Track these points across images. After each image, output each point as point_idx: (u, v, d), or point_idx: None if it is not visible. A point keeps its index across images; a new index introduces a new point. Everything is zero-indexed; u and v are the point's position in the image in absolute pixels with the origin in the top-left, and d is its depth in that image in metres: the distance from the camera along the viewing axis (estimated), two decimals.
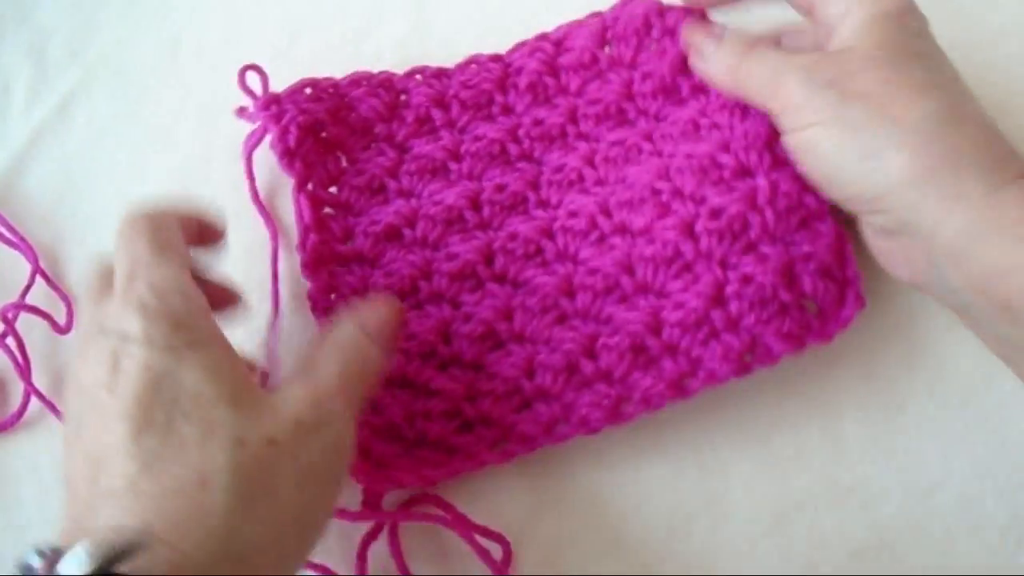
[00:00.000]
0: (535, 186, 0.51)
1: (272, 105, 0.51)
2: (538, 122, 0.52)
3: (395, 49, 0.56)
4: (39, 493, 0.48)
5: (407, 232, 0.50)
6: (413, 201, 0.51)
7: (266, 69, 0.52)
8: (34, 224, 0.53)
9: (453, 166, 0.51)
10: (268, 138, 0.51)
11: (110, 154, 0.54)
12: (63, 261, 0.52)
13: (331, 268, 0.50)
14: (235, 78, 0.51)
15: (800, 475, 0.48)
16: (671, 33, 0.50)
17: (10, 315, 0.50)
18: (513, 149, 0.52)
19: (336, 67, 0.52)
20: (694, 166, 0.48)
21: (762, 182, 0.47)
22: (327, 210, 0.51)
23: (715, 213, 0.47)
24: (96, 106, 0.55)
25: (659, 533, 0.47)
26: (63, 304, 0.51)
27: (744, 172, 0.47)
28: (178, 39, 0.56)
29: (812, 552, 0.47)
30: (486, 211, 0.51)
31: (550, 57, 0.53)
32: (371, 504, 0.46)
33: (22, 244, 0.52)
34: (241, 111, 0.52)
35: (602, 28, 0.52)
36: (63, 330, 0.50)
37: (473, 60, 0.54)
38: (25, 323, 0.50)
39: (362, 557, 0.46)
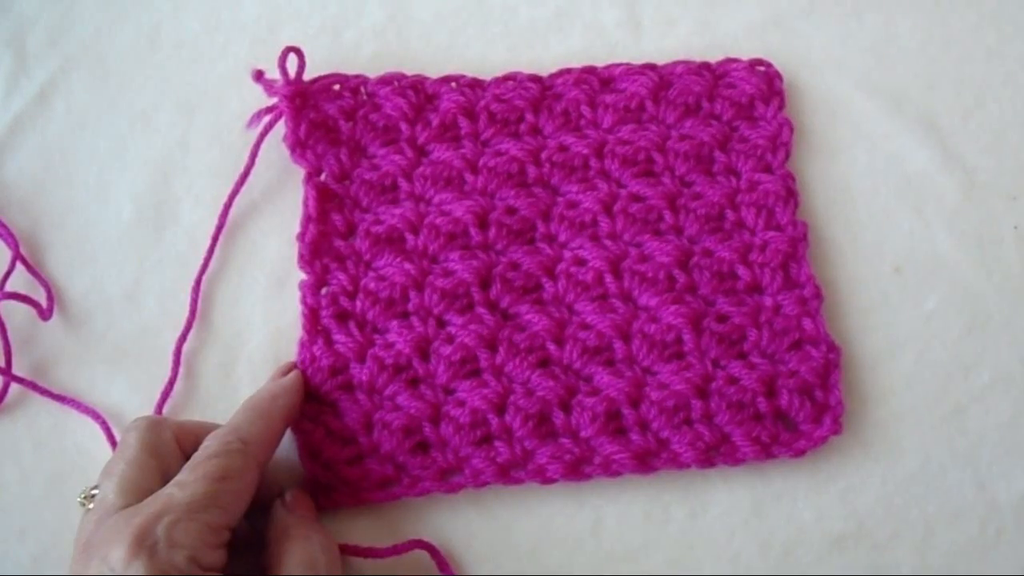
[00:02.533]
0: (546, 217, 0.51)
1: (298, 97, 0.51)
2: (563, 148, 0.52)
3: (373, 39, 0.56)
4: (20, 476, 0.48)
5: (409, 238, 0.50)
6: (422, 206, 0.50)
7: (245, 58, 0.52)
8: (14, 211, 0.53)
9: (469, 178, 0.51)
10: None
11: (89, 142, 0.54)
12: (43, 248, 0.52)
13: (326, 263, 0.50)
14: (211, 69, 0.51)
15: (778, 465, 0.48)
16: (717, 117, 0.53)
17: None
18: (532, 172, 0.51)
19: (315, 56, 0.52)
20: (713, 269, 0.50)
21: (768, 302, 0.50)
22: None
23: (722, 319, 0.49)
24: (75, 95, 0.55)
25: (636, 520, 0.47)
26: (43, 289, 0.51)
27: (755, 288, 0.50)
28: (157, 29, 0.57)
29: (790, 541, 0.47)
30: (492, 232, 0.50)
31: (594, 91, 0.53)
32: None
33: (2, 231, 0.52)
34: (259, 76, 0.51)
35: (657, 85, 0.53)
36: (46, 315, 0.50)
37: (512, 76, 0.53)
38: (3, 308, 0.50)
39: None
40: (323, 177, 0.51)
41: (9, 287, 0.50)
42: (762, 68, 0.54)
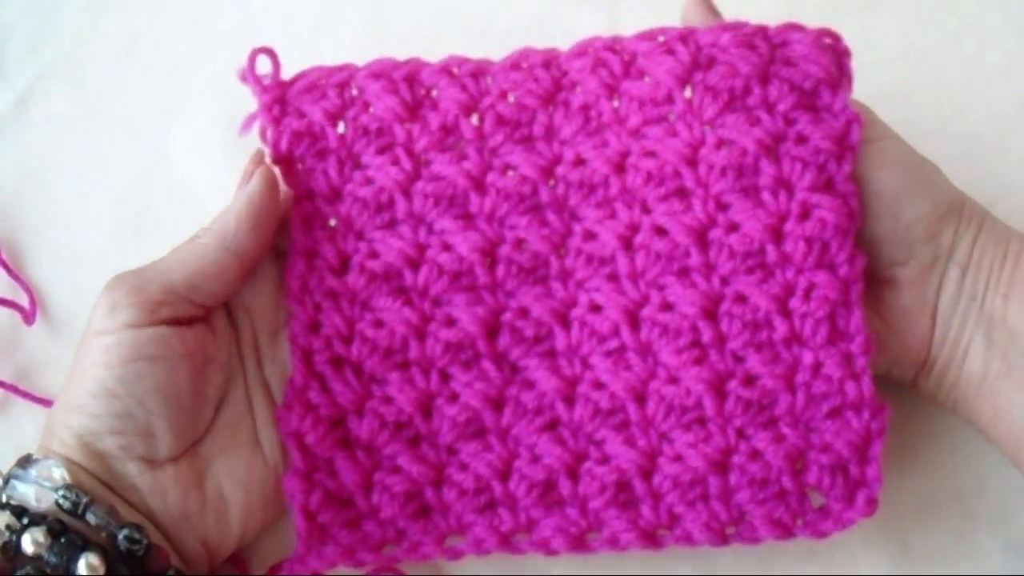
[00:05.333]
0: (560, 250, 0.45)
1: (275, 105, 0.45)
2: (581, 161, 0.44)
3: (353, 46, 0.56)
4: None
5: (408, 275, 0.44)
6: (422, 233, 0.44)
7: (223, 66, 0.52)
8: None
9: (474, 199, 0.44)
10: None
11: (68, 149, 0.55)
12: (24, 255, 0.53)
13: (318, 301, 0.44)
14: (190, 76, 0.52)
15: None
16: (769, 108, 0.43)
17: None
18: (544, 194, 0.45)
19: (293, 64, 0.52)
20: (746, 318, 0.43)
21: (808, 359, 0.43)
22: (332, 222, 0.45)
23: (750, 380, 0.43)
24: (54, 102, 0.56)
25: None
26: (26, 295, 0.51)
27: (795, 340, 0.43)
28: (136, 37, 0.57)
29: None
30: (500, 271, 0.44)
31: (615, 79, 0.44)
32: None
33: None
34: (245, 76, 0.45)
35: (691, 64, 0.43)
36: (30, 320, 0.51)
37: (522, 57, 0.45)
38: None
39: None
40: (313, 198, 0.45)
41: None
42: (829, 40, 0.44)
